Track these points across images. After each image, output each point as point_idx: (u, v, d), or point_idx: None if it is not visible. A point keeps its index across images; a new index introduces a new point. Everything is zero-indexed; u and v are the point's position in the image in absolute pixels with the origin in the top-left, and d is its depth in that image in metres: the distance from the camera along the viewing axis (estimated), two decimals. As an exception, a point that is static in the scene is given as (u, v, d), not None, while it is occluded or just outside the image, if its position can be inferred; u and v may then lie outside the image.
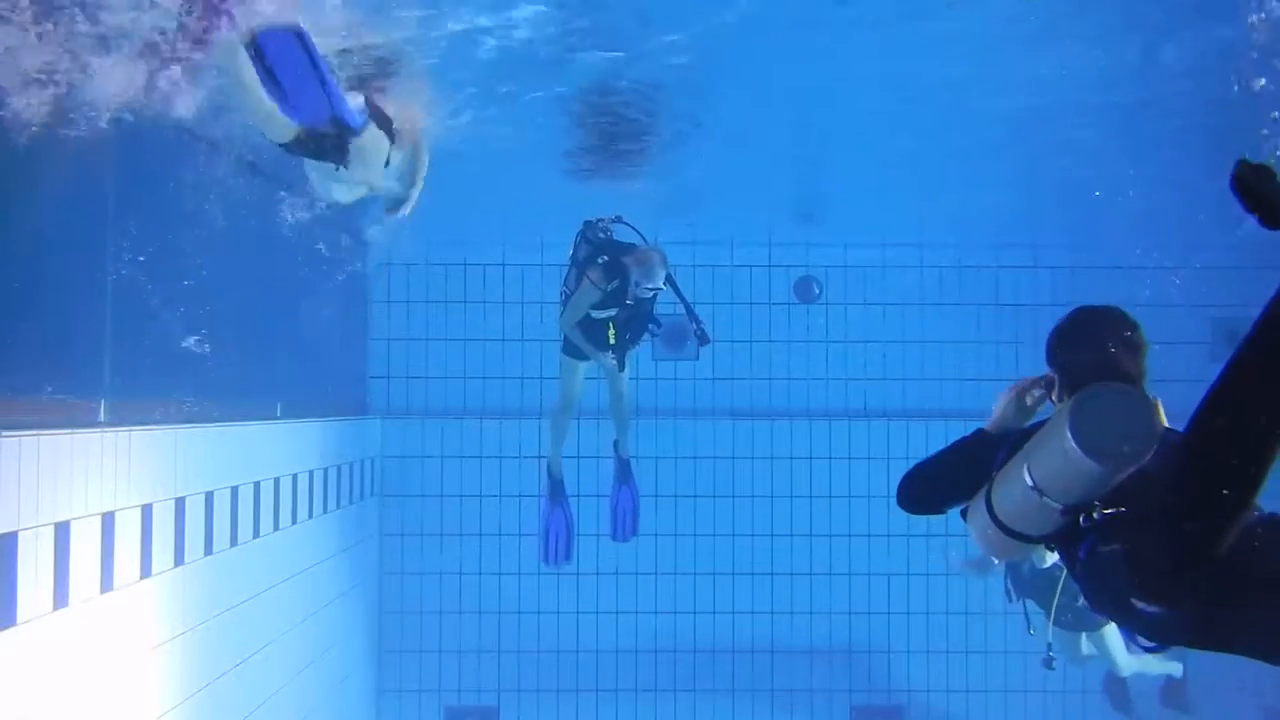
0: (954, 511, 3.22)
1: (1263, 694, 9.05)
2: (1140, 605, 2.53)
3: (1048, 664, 7.32)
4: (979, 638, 9.52)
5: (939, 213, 8.76)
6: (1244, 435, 2.11)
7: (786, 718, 9.50)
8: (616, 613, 8.82)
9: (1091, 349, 2.90)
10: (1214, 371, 2.36)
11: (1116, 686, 8.45)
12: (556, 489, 8.08)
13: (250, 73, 4.10)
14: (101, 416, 4.68)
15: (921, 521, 9.27)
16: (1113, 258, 9.15)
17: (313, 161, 4.75)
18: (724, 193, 8.28)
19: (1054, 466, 2.72)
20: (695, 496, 9.54)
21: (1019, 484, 2.81)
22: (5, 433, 3.79)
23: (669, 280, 7.11)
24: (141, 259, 4.97)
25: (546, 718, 9.43)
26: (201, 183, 5.96)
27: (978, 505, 3.01)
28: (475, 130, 6.21)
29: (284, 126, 4.33)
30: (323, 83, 4.17)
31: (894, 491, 3.23)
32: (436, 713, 9.44)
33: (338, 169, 4.71)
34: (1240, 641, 2.52)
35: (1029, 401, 3.12)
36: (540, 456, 8.54)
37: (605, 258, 7.09)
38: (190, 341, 5.62)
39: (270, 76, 4.10)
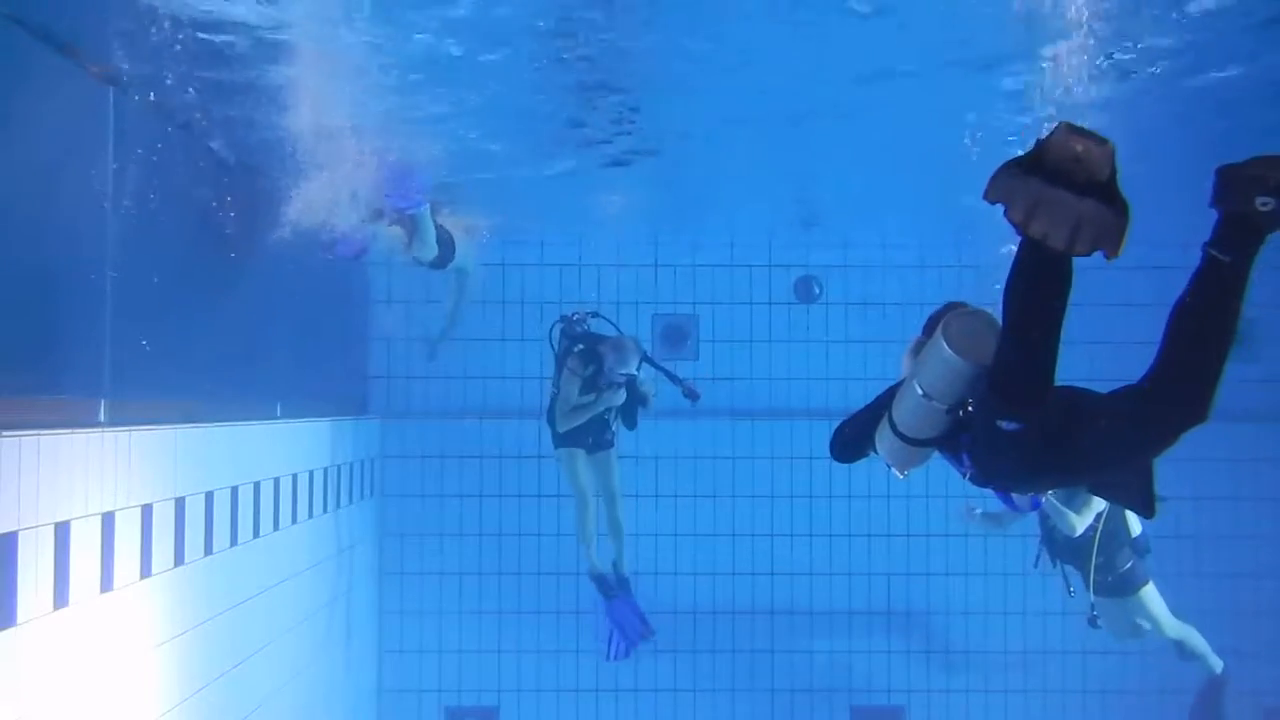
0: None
1: (1262, 694, 9.06)
2: (1005, 426, 3.22)
3: (1093, 623, 7.44)
4: (979, 637, 9.53)
5: (938, 210, 8.76)
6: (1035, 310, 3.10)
7: (786, 718, 9.51)
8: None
9: None
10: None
11: (1212, 693, 8.23)
12: (605, 587, 8.38)
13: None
14: (101, 416, 4.68)
15: (921, 521, 9.34)
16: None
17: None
18: (723, 193, 8.29)
19: (935, 374, 3.48)
20: (695, 496, 9.54)
21: (912, 396, 3.56)
22: (5, 433, 3.79)
23: (646, 361, 7.90)
24: (142, 259, 4.98)
25: (546, 718, 9.43)
26: (203, 184, 5.97)
27: (883, 425, 3.75)
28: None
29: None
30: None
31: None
32: (436, 713, 9.44)
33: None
34: (1088, 464, 3.31)
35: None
36: (578, 567, 8.80)
37: (581, 346, 7.91)
38: (190, 341, 5.63)
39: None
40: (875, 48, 5.00)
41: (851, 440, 4.01)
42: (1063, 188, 2.80)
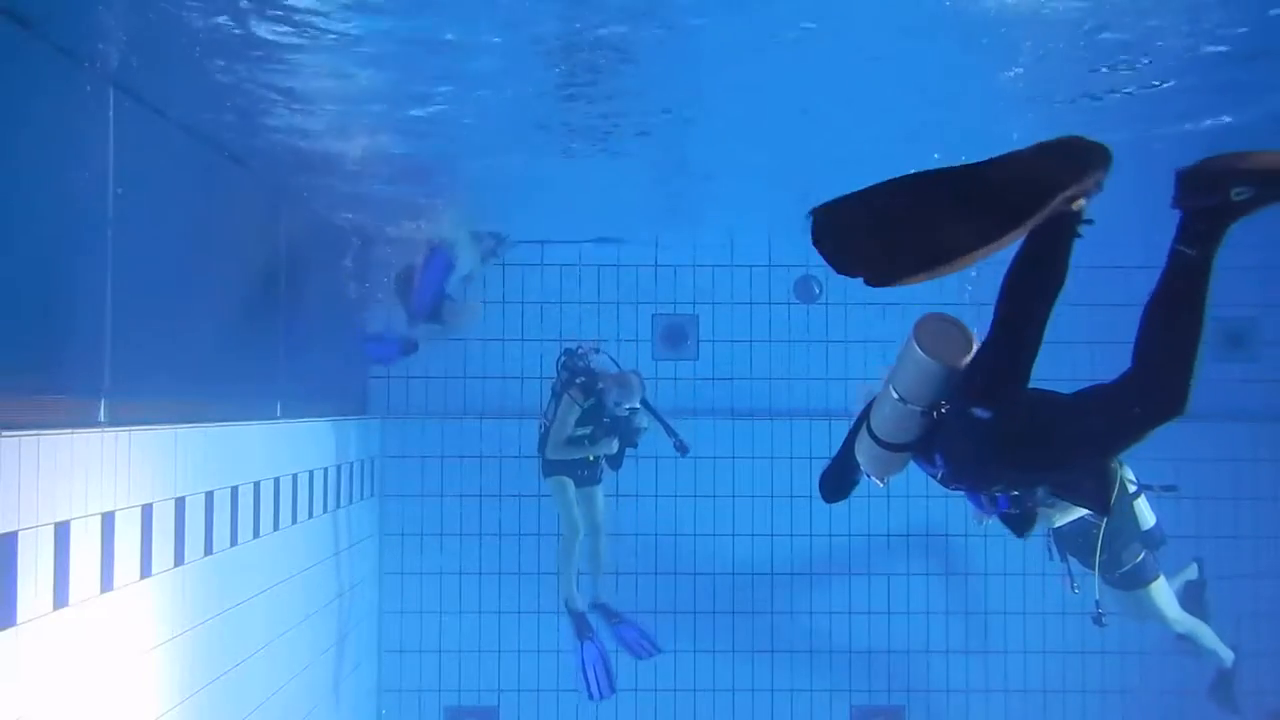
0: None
1: (1263, 694, 9.06)
2: (978, 413, 3.33)
3: (1098, 620, 7.38)
4: (979, 637, 9.52)
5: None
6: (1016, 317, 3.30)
7: (786, 718, 9.51)
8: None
9: None
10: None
11: (1223, 686, 8.27)
12: (582, 626, 8.27)
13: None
14: (101, 416, 4.68)
15: (921, 521, 9.33)
16: (1112, 257, 9.15)
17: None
18: (721, 190, 8.28)
19: (910, 377, 3.65)
20: (695, 496, 9.54)
21: (889, 402, 3.73)
22: (5, 433, 3.80)
23: (644, 402, 8.00)
24: (142, 259, 4.98)
25: (546, 718, 9.43)
26: (204, 184, 5.96)
27: (863, 436, 3.93)
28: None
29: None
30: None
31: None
32: (436, 713, 9.44)
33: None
34: (1055, 457, 3.39)
35: None
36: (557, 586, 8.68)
37: (583, 378, 8.03)
38: (191, 341, 5.63)
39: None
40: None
41: (839, 472, 4.30)
42: (962, 206, 2.98)
